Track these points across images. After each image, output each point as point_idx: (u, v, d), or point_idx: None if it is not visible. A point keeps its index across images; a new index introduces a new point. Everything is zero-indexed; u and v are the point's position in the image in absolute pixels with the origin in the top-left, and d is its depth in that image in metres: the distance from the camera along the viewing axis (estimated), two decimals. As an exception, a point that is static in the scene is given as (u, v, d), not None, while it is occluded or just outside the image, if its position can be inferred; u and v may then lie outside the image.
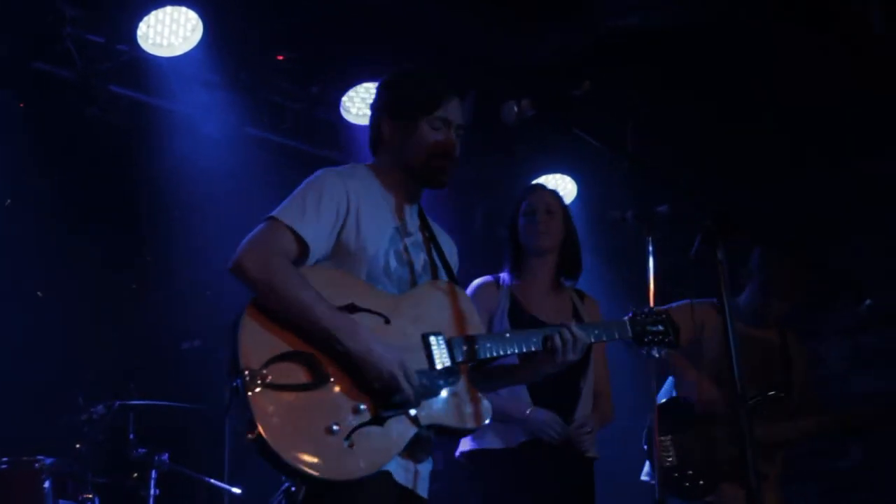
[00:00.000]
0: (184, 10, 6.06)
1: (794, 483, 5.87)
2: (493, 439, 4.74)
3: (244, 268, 3.33)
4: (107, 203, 6.85)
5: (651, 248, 4.12)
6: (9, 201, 6.49)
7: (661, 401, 5.37)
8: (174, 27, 6.12)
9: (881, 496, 7.03)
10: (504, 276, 5.00)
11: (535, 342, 3.63)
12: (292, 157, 7.05)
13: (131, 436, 5.88)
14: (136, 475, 5.82)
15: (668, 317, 3.89)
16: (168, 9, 6.04)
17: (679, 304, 5.11)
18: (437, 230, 3.81)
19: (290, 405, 3.20)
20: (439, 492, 3.92)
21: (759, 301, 5.47)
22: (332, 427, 3.19)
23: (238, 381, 3.16)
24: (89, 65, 6.17)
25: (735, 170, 7.14)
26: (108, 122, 6.35)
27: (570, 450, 4.76)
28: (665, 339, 3.86)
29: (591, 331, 3.72)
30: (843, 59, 6.29)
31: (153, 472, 5.81)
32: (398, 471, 3.40)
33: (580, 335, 3.63)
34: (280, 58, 6.64)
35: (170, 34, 6.13)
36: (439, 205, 3.81)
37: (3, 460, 5.37)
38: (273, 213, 3.43)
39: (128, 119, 6.48)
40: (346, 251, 3.47)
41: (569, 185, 7.59)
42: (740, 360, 3.29)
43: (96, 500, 5.62)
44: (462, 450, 4.81)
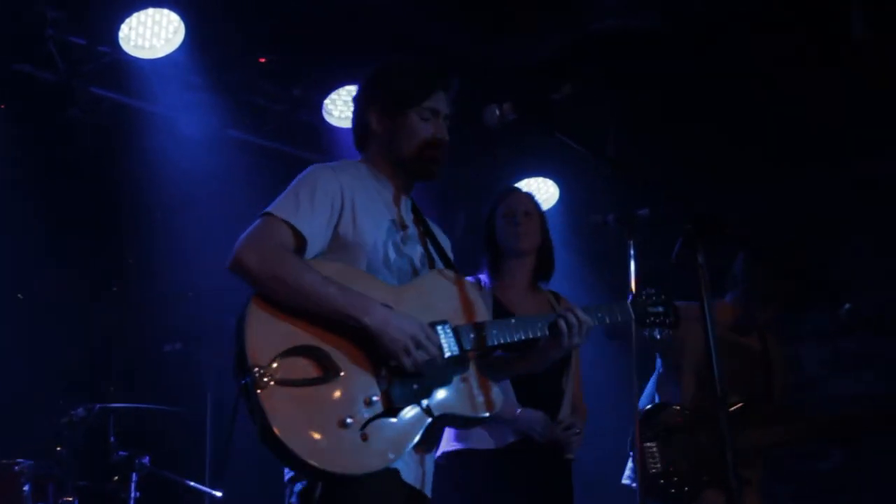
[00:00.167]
0: (166, 12, 6.05)
1: (774, 485, 5.88)
2: (483, 440, 4.72)
3: (244, 263, 3.30)
4: (88, 205, 6.82)
5: (632, 252, 4.13)
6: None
7: (645, 405, 5.38)
8: (156, 29, 6.11)
9: (862, 498, 7.06)
10: (483, 277, 5.01)
11: (541, 327, 3.62)
12: (274, 159, 7.05)
13: (112, 439, 5.84)
14: (116, 478, 5.78)
15: (667, 298, 3.90)
16: (150, 11, 6.04)
17: None
18: (432, 224, 3.79)
19: (301, 401, 3.16)
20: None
21: (741, 306, 5.48)
22: (345, 420, 3.16)
23: (247, 380, 3.12)
24: (71, 67, 6.17)
25: (719, 172, 7.16)
26: (89, 124, 6.33)
27: (555, 451, 4.78)
28: (666, 319, 3.86)
29: (595, 314, 3.71)
30: (822, 62, 6.31)
31: (134, 475, 5.77)
32: (407, 469, 3.37)
33: (585, 319, 3.62)
34: (262, 60, 6.63)
35: (152, 36, 6.13)
36: (421, 208, 3.79)
37: (-17, 463, 5.35)
38: (267, 209, 3.41)
39: (110, 121, 6.47)
40: (344, 244, 3.45)
41: (551, 189, 7.60)
42: (722, 365, 3.31)
43: (76, 503, 5.59)
44: (445, 450, 4.78)
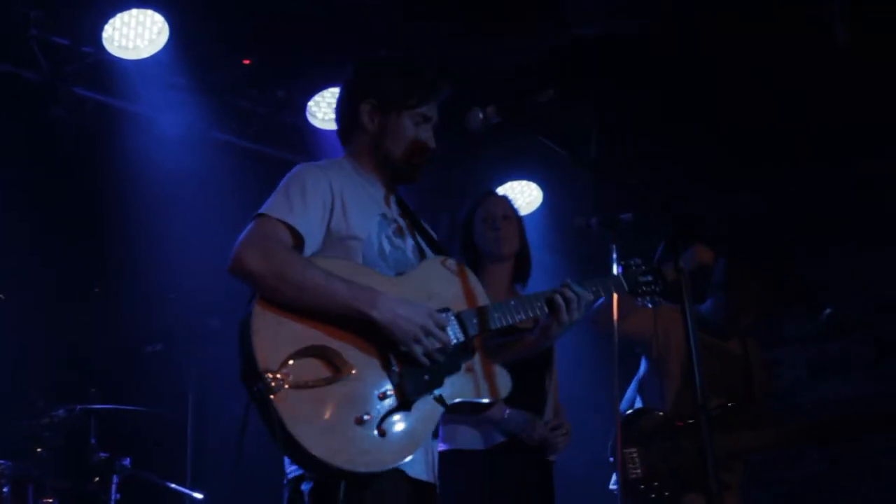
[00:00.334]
0: (150, 12, 6.04)
1: (754, 489, 5.90)
2: (470, 440, 4.73)
3: (247, 265, 3.23)
4: (70, 205, 6.80)
5: (615, 256, 4.14)
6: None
7: (625, 410, 5.40)
8: (140, 30, 6.10)
9: (840, 503, 7.09)
10: None
11: (540, 306, 3.63)
12: (258, 161, 7.04)
13: (92, 440, 5.82)
14: (97, 480, 5.77)
15: (656, 266, 3.89)
16: (134, 11, 6.02)
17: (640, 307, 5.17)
18: (419, 217, 3.78)
19: (316, 402, 3.13)
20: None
21: (721, 311, 5.49)
22: (363, 417, 3.15)
23: (259, 386, 3.07)
24: (54, 67, 6.15)
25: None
26: (72, 124, 6.31)
27: (540, 452, 4.81)
28: (656, 288, 3.85)
29: (590, 287, 3.71)
30: (806, 69, 6.33)
31: (114, 476, 5.76)
32: (413, 463, 3.33)
33: (582, 292, 3.63)
34: (246, 62, 6.62)
35: (135, 37, 6.11)
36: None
37: (-38, 465, 5.33)
38: (261, 210, 3.38)
39: (93, 121, 6.45)
40: (338, 240, 3.43)
41: (534, 192, 7.61)
42: (702, 370, 3.32)
43: (56, 504, 5.58)
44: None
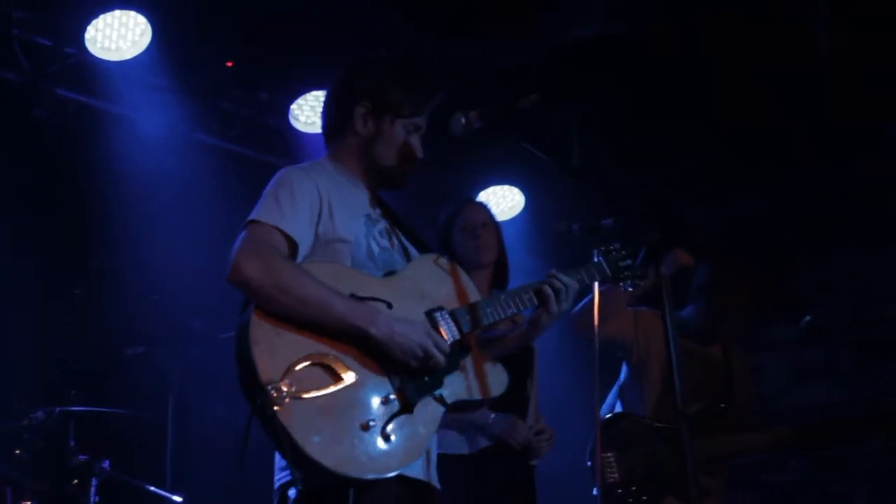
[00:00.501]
0: (132, 14, 6.02)
1: (735, 494, 5.91)
2: (455, 445, 4.73)
3: (246, 274, 3.20)
4: (52, 206, 6.78)
5: (596, 260, 4.14)
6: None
7: (605, 414, 5.40)
8: (123, 31, 6.08)
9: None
10: None
11: (529, 298, 3.65)
12: (240, 163, 7.03)
13: (72, 442, 5.79)
14: (76, 482, 5.74)
15: (632, 250, 3.91)
16: (117, 13, 6.00)
17: (622, 311, 5.19)
18: (401, 216, 3.78)
19: (321, 411, 3.12)
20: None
21: (703, 316, 5.50)
22: (368, 423, 3.16)
23: (261, 399, 3.06)
24: (37, 67, 6.13)
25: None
26: (55, 126, 6.29)
27: (524, 456, 4.82)
28: (635, 272, 3.88)
29: (574, 275, 3.73)
30: (788, 78, 6.36)
31: (94, 479, 5.74)
32: (415, 463, 3.34)
33: (569, 282, 3.66)
34: (229, 64, 6.61)
35: (118, 38, 6.09)
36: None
37: (-60, 466, 5.31)
38: (252, 217, 3.36)
39: (75, 122, 6.43)
40: (326, 243, 3.42)
41: (516, 197, 7.62)
42: (683, 375, 3.32)
43: (35, 507, 5.56)
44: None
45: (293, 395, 3.08)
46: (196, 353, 6.65)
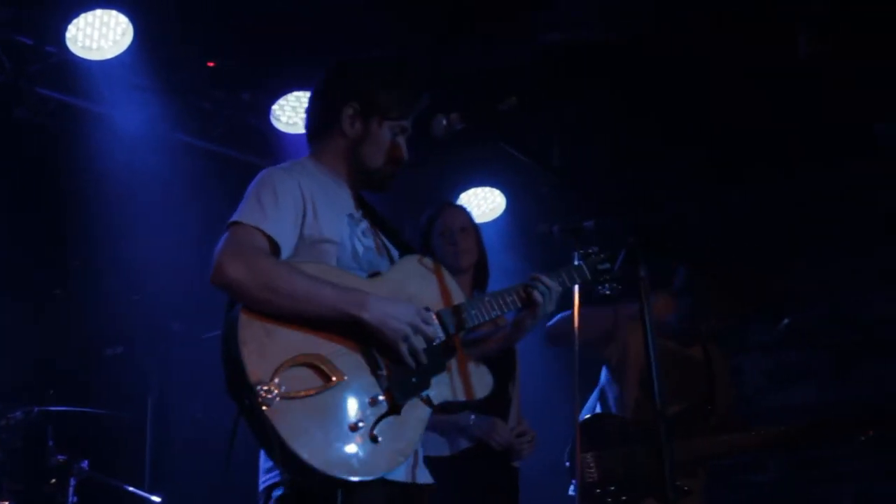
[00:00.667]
0: (114, 13, 6.00)
1: (716, 495, 5.93)
2: (437, 446, 4.71)
3: (231, 276, 3.19)
4: (32, 205, 6.76)
5: (576, 262, 4.16)
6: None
7: (585, 416, 5.42)
8: (104, 30, 6.06)
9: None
10: None
11: (513, 301, 3.67)
12: (221, 163, 7.02)
13: (50, 442, 5.77)
14: (53, 481, 5.72)
15: (611, 254, 3.92)
16: (98, 12, 5.98)
17: (603, 311, 5.21)
18: (383, 216, 3.78)
19: (310, 412, 3.11)
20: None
21: (683, 318, 5.53)
22: (357, 424, 3.16)
23: (250, 399, 3.05)
24: (17, 67, 6.11)
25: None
26: (35, 125, 6.28)
27: (506, 458, 4.82)
28: (614, 275, 3.89)
29: (557, 278, 3.76)
30: (770, 81, 6.38)
31: (72, 479, 5.72)
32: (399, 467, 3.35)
33: (553, 285, 3.69)
34: (211, 64, 6.60)
35: (99, 37, 6.07)
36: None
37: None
38: (234, 218, 3.34)
39: (56, 122, 6.41)
40: (310, 243, 3.41)
41: (498, 199, 7.63)
42: (664, 376, 3.34)
43: (12, 507, 5.54)
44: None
45: (282, 396, 3.07)
46: (176, 353, 6.65)
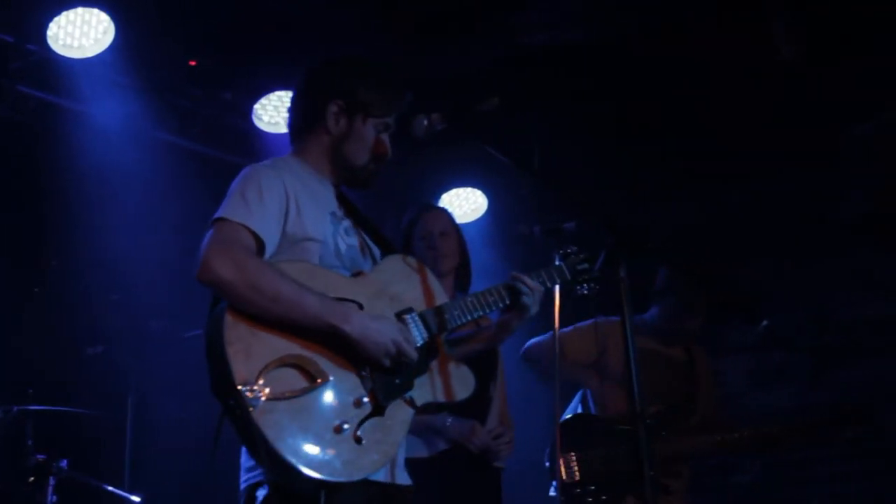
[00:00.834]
0: (95, 11, 5.97)
1: (699, 495, 5.95)
2: (414, 448, 4.70)
3: (218, 273, 3.18)
4: (11, 203, 6.72)
5: (557, 263, 4.16)
6: None
7: (567, 416, 5.43)
8: (85, 29, 6.03)
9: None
10: None
11: (495, 301, 3.70)
12: (202, 162, 6.99)
13: (29, 441, 5.75)
14: (32, 480, 5.70)
15: (590, 256, 3.95)
16: (79, 10, 5.95)
17: (584, 324, 5.20)
18: (365, 215, 3.78)
19: (295, 413, 3.12)
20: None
21: (665, 319, 5.54)
22: (342, 426, 3.17)
23: (235, 400, 3.05)
24: (-2, 64, 6.10)
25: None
26: (16, 122, 6.25)
27: (485, 459, 4.83)
28: (592, 276, 3.92)
29: (537, 278, 3.79)
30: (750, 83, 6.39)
31: (51, 478, 5.70)
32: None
33: (536, 286, 3.73)
34: (192, 63, 6.58)
35: (80, 35, 6.04)
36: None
37: None
38: (219, 214, 3.34)
39: (36, 120, 6.38)
40: (294, 241, 3.41)
41: (479, 199, 7.63)
42: (645, 376, 3.35)
43: (-9, 506, 5.52)
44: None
45: (268, 396, 3.07)
46: (156, 352, 6.62)
